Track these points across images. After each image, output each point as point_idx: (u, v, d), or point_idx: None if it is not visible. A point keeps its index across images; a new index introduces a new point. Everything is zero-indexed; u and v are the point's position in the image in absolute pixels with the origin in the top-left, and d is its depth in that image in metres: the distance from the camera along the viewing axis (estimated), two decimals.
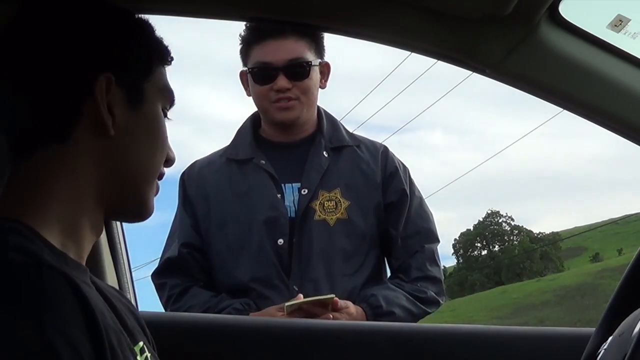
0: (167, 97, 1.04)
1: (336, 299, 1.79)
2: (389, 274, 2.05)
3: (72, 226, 0.93)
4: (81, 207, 0.94)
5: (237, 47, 1.99)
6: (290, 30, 1.88)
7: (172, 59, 1.06)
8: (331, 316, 1.76)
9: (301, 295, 1.80)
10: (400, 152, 2.10)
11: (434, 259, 2.01)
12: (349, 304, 1.82)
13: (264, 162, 1.96)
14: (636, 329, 0.99)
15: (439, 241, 2.05)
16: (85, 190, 0.94)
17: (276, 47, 1.90)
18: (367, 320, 1.82)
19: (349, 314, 1.79)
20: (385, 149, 2.05)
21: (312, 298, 1.77)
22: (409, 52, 1.38)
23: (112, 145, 0.95)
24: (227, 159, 2.00)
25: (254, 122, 2.06)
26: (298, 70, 1.92)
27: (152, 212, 1.04)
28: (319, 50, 1.97)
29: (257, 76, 1.94)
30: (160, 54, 1.04)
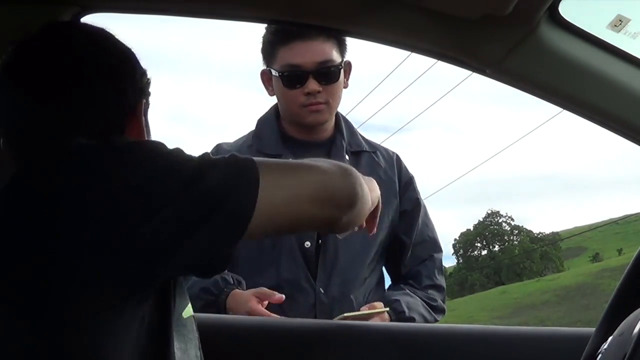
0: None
1: (386, 312, 1.82)
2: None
3: None
4: None
5: (234, 46, 1.95)
6: (318, 31, 1.84)
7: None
8: None
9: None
10: (400, 152, 2.10)
11: (441, 269, 2.05)
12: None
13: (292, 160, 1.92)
14: (636, 329, 0.99)
15: (442, 251, 2.08)
16: None
17: (305, 49, 1.86)
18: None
19: (383, 319, 1.82)
20: (398, 157, 2.06)
21: (369, 311, 1.79)
22: (409, 52, 1.38)
23: None
24: (256, 150, 1.95)
25: (276, 115, 2.03)
26: (328, 73, 1.88)
27: None
28: (342, 49, 1.94)
29: (286, 80, 1.89)
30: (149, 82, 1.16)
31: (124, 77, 1.07)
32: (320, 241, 1.89)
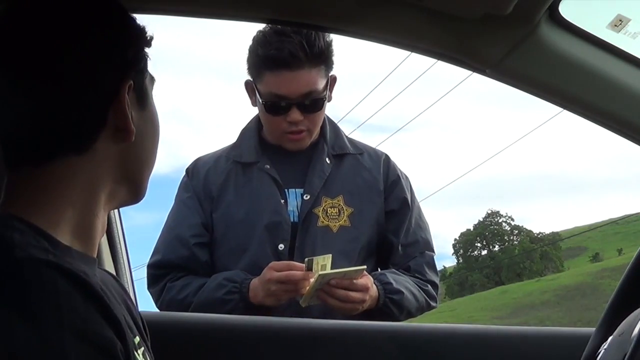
0: (153, 81, 1.02)
1: (365, 272, 1.81)
2: None
3: (82, 227, 0.93)
4: (93, 210, 0.95)
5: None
6: (306, 59, 1.84)
7: (152, 38, 1.01)
8: (352, 295, 1.77)
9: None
10: (400, 152, 2.14)
11: (432, 265, 2.03)
12: (370, 282, 1.83)
13: (268, 166, 1.96)
14: (636, 329, 0.99)
15: (434, 252, 2.07)
16: (100, 195, 0.95)
17: (291, 79, 1.86)
18: (380, 298, 1.84)
19: (371, 296, 1.81)
20: (387, 157, 2.06)
21: (344, 269, 1.77)
22: (409, 52, 1.38)
23: (129, 149, 0.96)
24: (233, 160, 1.99)
25: (258, 124, 2.05)
26: (312, 104, 1.90)
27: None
28: (329, 70, 1.94)
29: (269, 108, 1.91)
30: (149, 44, 1.00)
31: (98, 53, 0.90)
32: (296, 244, 1.89)
